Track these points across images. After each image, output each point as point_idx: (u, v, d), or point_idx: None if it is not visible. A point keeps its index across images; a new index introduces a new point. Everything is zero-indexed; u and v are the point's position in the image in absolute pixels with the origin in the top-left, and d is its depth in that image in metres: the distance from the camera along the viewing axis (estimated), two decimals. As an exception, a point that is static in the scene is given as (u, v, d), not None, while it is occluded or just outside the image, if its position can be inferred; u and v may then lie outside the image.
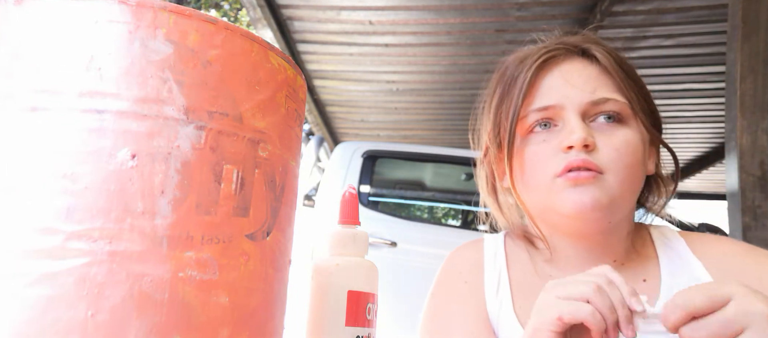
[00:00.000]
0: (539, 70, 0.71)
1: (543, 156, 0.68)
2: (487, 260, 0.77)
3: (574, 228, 0.69)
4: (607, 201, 0.65)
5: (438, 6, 4.11)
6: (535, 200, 0.70)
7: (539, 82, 0.71)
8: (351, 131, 6.80)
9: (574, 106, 0.68)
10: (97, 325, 0.30)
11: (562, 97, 0.68)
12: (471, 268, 0.77)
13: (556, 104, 0.69)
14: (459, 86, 5.41)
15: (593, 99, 0.68)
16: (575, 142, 0.65)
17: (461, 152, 3.57)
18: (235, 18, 9.29)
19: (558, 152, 0.67)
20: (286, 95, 0.40)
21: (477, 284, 0.75)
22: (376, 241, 2.89)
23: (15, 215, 0.31)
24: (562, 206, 0.66)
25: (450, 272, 0.79)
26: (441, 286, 0.78)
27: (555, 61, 0.71)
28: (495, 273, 0.75)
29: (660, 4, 3.93)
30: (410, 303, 2.88)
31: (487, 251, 0.78)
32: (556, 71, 0.71)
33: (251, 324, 0.36)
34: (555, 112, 0.69)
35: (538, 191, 0.69)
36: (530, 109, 0.70)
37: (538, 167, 0.68)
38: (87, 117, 0.32)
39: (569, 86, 0.69)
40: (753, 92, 2.78)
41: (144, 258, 0.31)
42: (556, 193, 0.66)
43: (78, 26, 0.33)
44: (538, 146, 0.69)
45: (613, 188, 0.65)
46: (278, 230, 0.39)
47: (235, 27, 0.37)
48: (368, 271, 0.52)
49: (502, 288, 0.73)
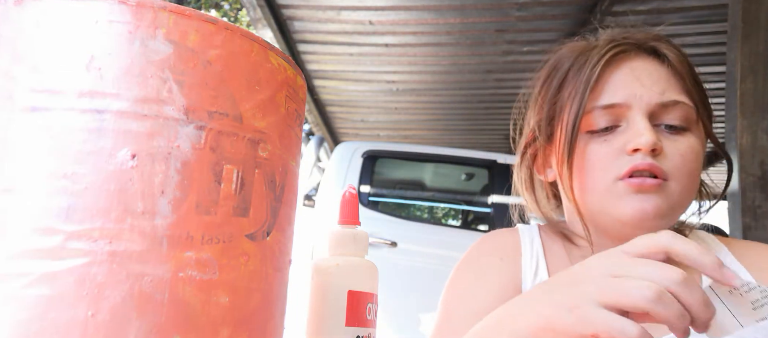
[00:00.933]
0: (607, 65, 0.67)
1: (604, 157, 0.64)
2: (525, 245, 0.74)
3: (626, 234, 0.65)
4: (668, 210, 0.62)
5: (438, 6, 4.11)
6: (589, 200, 0.66)
7: (606, 77, 0.67)
8: (351, 131, 6.80)
9: (643, 106, 0.64)
10: (97, 325, 0.30)
11: (629, 95, 0.65)
12: (509, 249, 0.74)
13: (624, 102, 0.65)
14: (459, 86, 5.41)
15: (662, 101, 0.64)
16: (643, 145, 0.62)
17: (461, 152, 3.57)
18: (235, 18, 9.29)
19: (621, 154, 0.63)
20: (286, 95, 0.40)
21: (514, 263, 0.72)
22: (376, 241, 2.89)
23: (15, 215, 0.31)
24: (622, 212, 0.63)
25: (485, 249, 0.76)
26: (473, 259, 0.75)
27: (625, 56, 0.68)
28: (533, 258, 0.72)
29: (660, 4, 3.93)
30: (410, 303, 2.88)
31: (524, 237, 0.76)
32: (626, 67, 0.67)
33: (251, 324, 0.36)
34: (621, 111, 0.65)
35: (594, 192, 0.65)
36: (595, 104, 0.66)
37: (597, 167, 0.65)
38: (87, 117, 0.32)
39: (638, 84, 0.65)
40: (753, 92, 2.78)
41: (144, 258, 0.31)
42: (616, 197, 0.63)
43: (78, 26, 0.33)
44: (599, 145, 0.65)
45: (674, 196, 0.62)
46: (278, 230, 0.39)
47: (235, 27, 0.37)
48: (368, 271, 0.52)
49: (540, 273, 0.71)
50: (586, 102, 0.66)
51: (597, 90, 0.66)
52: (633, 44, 0.68)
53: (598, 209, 0.66)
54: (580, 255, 0.72)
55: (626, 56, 0.68)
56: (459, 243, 3.09)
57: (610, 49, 0.67)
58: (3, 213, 0.31)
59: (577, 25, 4.33)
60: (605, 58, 0.66)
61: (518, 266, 0.72)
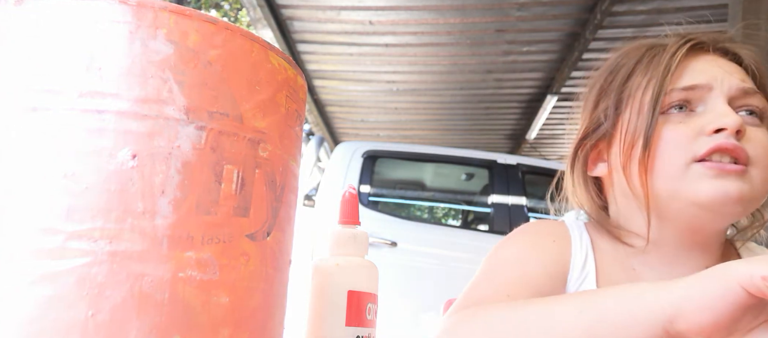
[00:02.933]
0: (686, 54, 0.66)
1: (679, 136, 0.62)
2: (574, 236, 0.72)
3: (697, 220, 0.63)
4: (751, 196, 0.60)
5: (438, 6, 4.11)
6: (659, 185, 0.64)
7: (685, 64, 0.65)
8: (351, 131, 6.80)
9: (724, 89, 0.63)
10: (97, 325, 0.30)
11: (711, 78, 0.64)
12: (560, 236, 0.72)
13: (706, 83, 0.63)
14: (459, 85, 5.41)
15: (743, 87, 0.63)
16: (729, 124, 0.59)
17: (461, 152, 3.57)
18: (235, 18, 9.28)
19: (699, 136, 0.62)
20: (286, 95, 0.40)
21: (565, 249, 0.70)
22: (376, 241, 2.89)
23: (15, 215, 0.31)
24: (700, 195, 0.60)
25: (536, 230, 0.74)
26: (527, 232, 0.73)
27: (702, 49, 0.67)
28: (582, 250, 0.70)
29: (660, 4, 3.93)
30: (410, 303, 2.88)
31: (572, 229, 0.74)
32: (703, 58, 0.67)
33: (251, 324, 0.36)
34: (701, 93, 0.64)
35: (665, 175, 0.63)
36: (675, 86, 0.64)
37: (671, 148, 0.63)
38: (87, 117, 0.32)
39: (719, 69, 0.64)
40: (753, 92, 2.78)
41: (144, 258, 0.32)
42: (692, 180, 0.61)
43: (78, 26, 0.33)
44: (674, 126, 0.64)
45: (757, 182, 0.61)
46: (278, 230, 0.39)
47: (235, 27, 0.37)
48: (368, 271, 0.52)
49: (588, 266, 0.69)
50: (667, 84, 0.64)
51: (676, 75, 0.65)
52: (708, 41, 0.68)
53: (668, 195, 0.64)
54: (627, 253, 0.70)
55: (703, 51, 0.68)
56: (459, 243, 3.09)
57: (688, 41, 0.67)
58: (4, 213, 0.31)
59: (577, 25, 4.33)
60: (685, 48, 0.66)
61: (569, 252, 0.70)
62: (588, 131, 0.73)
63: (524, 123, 6.20)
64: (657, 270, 0.67)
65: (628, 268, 0.69)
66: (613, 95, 0.70)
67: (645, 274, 0.68)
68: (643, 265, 0.69)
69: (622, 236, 0.71)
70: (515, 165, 3.28)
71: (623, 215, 0.72)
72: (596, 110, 0.72)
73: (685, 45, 0.66)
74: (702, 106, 0.64)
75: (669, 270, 0.67)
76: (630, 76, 0.69)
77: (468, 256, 2.91)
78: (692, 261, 0.66)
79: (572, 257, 0.69)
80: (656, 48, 0.69)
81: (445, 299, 0.90)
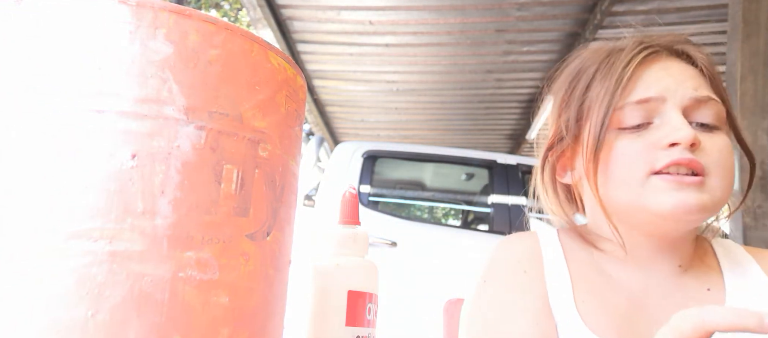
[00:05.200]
0: (639, 64, 0.66)
1: (636, 151, 0.63)
2: (545, 252, 0.72)
3: (660, 228, 0.65)
4: (711, 205, 0.61)
5: (438, 6, 4.11)
6: (619, 196, 0.65)
7: (639, 75, 0.66)
8: (351, 131, 6.80)
9: (677, 101, 0.64)
10: (97, 325, 0.30)
11: (663, 89, 0.64)
12: (530, 259, 0.72)
13: (658, 96, 0.64)
14: (459, 85, 5.41)
15: (697, 96, 0.64)
16: (683, 139, 0.60)
17: (461, 152, 3.57)
18: (235, 18, 9.28)
19: (655, 149, 0.62)
20: (286, 95, 0.40)
21: (537, 275, 0.70)
22: (376, 241, 2.89)
23: (15, 215, 0.31)
24: (661, 207, 0.61)
25: (507, 260, 0.73)
26: (497, 274, 0.72)
27: (656, 56, 0.68)
28: (554, 266, 0.71)
29: (660, 4, 3.93)
30: (410, 303, 2.88)
31: (544, 243, 0.74)
32: (657, 66, 0.67)
33: (251, 324, 0.36)
34: (655, 105, 0.65)
35: (625, 187, 0.64)
36: (628, 100, 0.65)
37: (629, 162, 0.64)
38: (87, 117, 0.32)
39: (672, 80, 0.65)
40: (753, 92, 2.78)
41: (144, 258, 0.32)
42: (653, 192, 0.62)
43: (78, 26, 0.33)
44: (630, 140, 0.64)
45: (716, 191, 0.61)
46: (278, 230, 0.39)
47: (235, 27, 0.37)
48: (368, 271, 0.52)
49: (563, 281, 0.69)
50: (618, 98, 0.65)
51: (628, 87, 0.66)
52: (663, 46, 0.68)
53: (630, 205, 0.65)
54: (603, 258, 0.71)
55: (657, 57, 0.68)
56: (459, 243, 3.09)
57: (642, 49, 0.67)
58: (3, 213, 0.31)
59: (577, 25, 4.34)
60: (638, 58, 0.66)
61: (542, 278, 0.70)
62: (553, 141, 0.74)
63: (524, 123, 6.21)
64: (633, 275, 0.68)
65: (606, 275, 0.70)
66: (574, 107, 0.71)
67: (621, 279, 0.68)
68: (619, 271, 0.70)
69: (595, 241, 0.72)
70: (515, 165, 3.28)
71: (595, 222, 0.73)
72: (559, 119, 0.73)
73: (639, 54, 0.66)
74: (658, 118, 0.65)
75: (645, 275, 0.68)
76: (589, 85, 0.70)
77: (468, 256, 2.91)
78: (666, 262, 0.68)
79: (547, 282, 0.69)
80: (613, 55, 0.69)
81: (445, 299, 0.90)
